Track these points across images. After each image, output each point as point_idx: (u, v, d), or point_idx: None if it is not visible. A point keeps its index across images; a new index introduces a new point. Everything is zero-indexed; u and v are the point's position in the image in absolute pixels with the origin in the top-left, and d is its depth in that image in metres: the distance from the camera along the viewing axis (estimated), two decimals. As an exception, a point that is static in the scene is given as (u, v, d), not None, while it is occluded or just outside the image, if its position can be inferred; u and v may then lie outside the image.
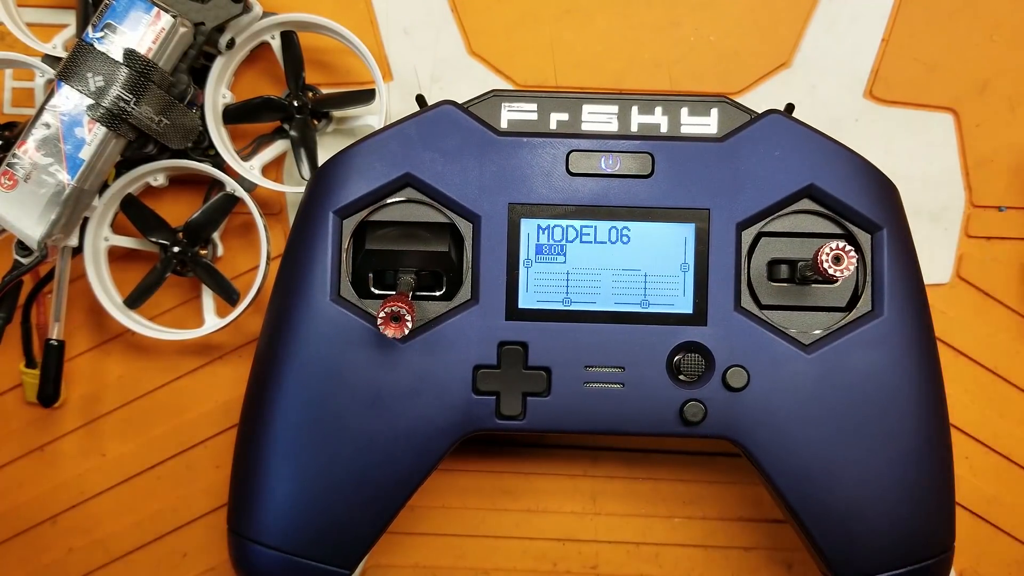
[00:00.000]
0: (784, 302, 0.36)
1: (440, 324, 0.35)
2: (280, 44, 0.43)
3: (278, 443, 0.35)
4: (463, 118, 0.36)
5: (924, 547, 0.35)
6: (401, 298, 0.33)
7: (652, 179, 0.36)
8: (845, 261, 0.33)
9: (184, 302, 0.44)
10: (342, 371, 0.35)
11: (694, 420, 0.35)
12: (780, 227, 0.36)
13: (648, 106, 0.37)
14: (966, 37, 0.44)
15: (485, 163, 0.36)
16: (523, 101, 0.36)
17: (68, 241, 0.40)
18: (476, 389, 0.35)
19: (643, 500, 0.44)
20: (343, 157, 0.36)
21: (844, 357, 0.35)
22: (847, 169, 0.36)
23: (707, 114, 0.36)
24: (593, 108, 0.37)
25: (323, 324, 0.35)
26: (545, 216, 0.36)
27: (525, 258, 0.36)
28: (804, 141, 0.36)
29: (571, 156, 0.36)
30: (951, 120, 0.44)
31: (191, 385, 0.44)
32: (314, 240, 0.36)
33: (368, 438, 0.35)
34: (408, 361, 0.35)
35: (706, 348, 0.35)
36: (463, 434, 0.35)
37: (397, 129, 0.36)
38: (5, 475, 0.44)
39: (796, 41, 0.44)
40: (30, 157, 0.37)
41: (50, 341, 0.42)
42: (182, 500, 0.44)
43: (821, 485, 0.35)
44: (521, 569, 0.43)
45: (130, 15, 0.38)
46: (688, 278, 0.36)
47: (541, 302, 0.36)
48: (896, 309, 0.35)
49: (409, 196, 0.36)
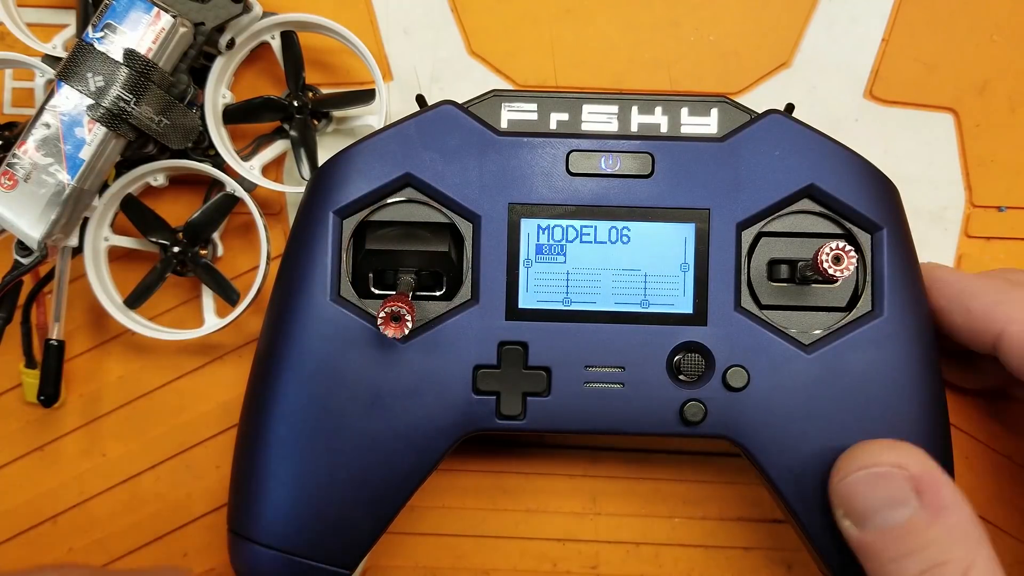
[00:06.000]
0: (784, 302, 0.36)
1: (440, 324, 0.35)
2: (280, 44, 0.43)
3: (278, 443, 0.35)
4: (463, 118, 0.36)
5: None
6: (401, 298, 0.33)
7: (652, 179, 0.36)
8: (845, 261, 0.33)
9: (184, 302, 0.44)
10: (342, 371, 0.35)
11: (694, 420, 0.35)
12: (780, 227, 0.36)
13: (648, 106, 0.37)
14: (966, 37, 0.44)
15: (485, 163, 0.36)
16: (523, 101, 0.36)
17: (68, 241, 0.40)
18: (476, 389, 0.35)
19: (643, 500, 0.44)
20: (343, 157, 0.36)
21: (844, 357, 0.35)
22: (847, 169, 0.36)
23: (707, 114, 0.36)
24: (593, 108, 0.37)
25: (323, 324, 0.35)
26: (545, 216, 0.36)
27: (525, 258, 0.36)
28: (804, 141, 0.36)
29: (571, 156, 0.36)
30: (951, 120, 0.44)
31: (191, 385, 0.44)
32: (314, 240, 0.36)
33: (368, 438, 0.35)
34: (408, 361, 0.35)
35: (706, 348, 0.35)
36: (463, 434, 0.35)
37: (397, 129, 0.36)
38: (5, 475, 0.44)
39: (796, 41, 0.44)
40: (30, 157, 0.38)
41: (50, 341, 0.42)
42: (182, 500, 0.44)
43: (821, 485, 0.35)
44: (521, 569, 0.43)
45: (130, 15, 0.38)
46: (688, 278, 0.36)
47: (541, 302, 0.36)
48: (896, 309, 0.35)
49: (409, 196, 0.36)
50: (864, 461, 0.32)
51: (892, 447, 0.33)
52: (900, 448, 0.33)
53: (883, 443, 0.33)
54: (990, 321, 0.35)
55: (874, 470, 0.32)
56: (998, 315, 0.35)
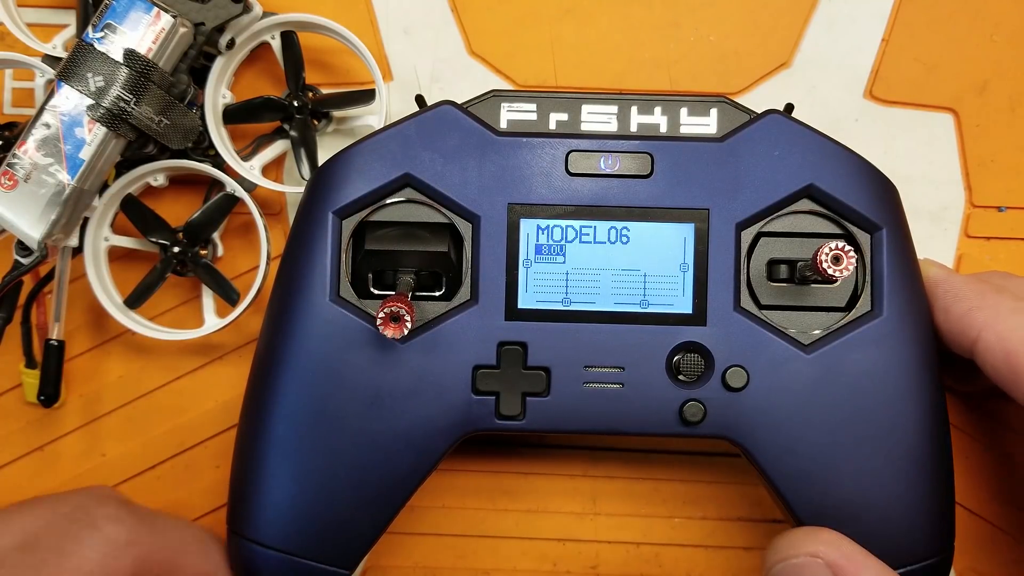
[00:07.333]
0: (783, 302, 0.36)
1: (440, 324, 0.35)
2: (280, 44, 0.43)
3: (277, 443, 0.35)
4: (462, 118, 0.36)
5: (924, 547, 0.35)
6: (400, 298, 0.33)
7: (651, 179, 0.36)
8: (844, 261, 0.33)
9: (184, 302, 0.44)
10: (342, 371, 0.35)
11: (694, 420, 0.35)
12: (779, 227, 0.36)
13: (647, 106, 0.37)
14: (966, 37, 0.44)
15: (484, 163, 0.36)
16: (522, 101, 0.36)
17: (68, 241, 0.40)
18: (476, 389, 0.35)
19: (643, 500, 0.44)
20: (342, 157, 0.36)
21: (844, 357, 0.35)
22: (846, 169, 0.36)
23: (707, 114, 0.36)
24: (592, 108, 0.37)
25: (322, 324, 0.35)
26: (544, 216, 0.36)
27: (524, 258, 0.36)
28: (803, 141, 0.36)
29: (570, 156, 0.36)
30: (951, 120, 0.44)
31: (191, 385, 0.44)
32: (313, 241, 0.36)
33: (368, 438, 0.35)
34: (408, 361, 0.35)
35: (706, 348, 0.35)
36: (463, 434, 0.35)
37: (396, 129, 0.36)
38: (5, 475, 0.44)
39: (796, 41, 0.44)
40: (30, 157, 0.38)
41: (50, 341, 0.42)
42: (182, 500, 0.44)
43: (820, 485, 0.35)
44: (521, 569, 0.43)
45: (130, 15, 0.38)
46: (687, 278, 0.36)
47: (541, 302, 0.36)
48: (896, 309, 0.35)
49: (408, 196, 0.36)
50: (783, 553, 0.33)
51: (809, 535, 0.33)
52: (818, 536, 0.33)
53: (802, 531, 0.33)
54: (967, 326, 0.35)
55: (792, 561, 0.32)
56: (975, 321, 0.34)
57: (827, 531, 0.33)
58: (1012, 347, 0.33)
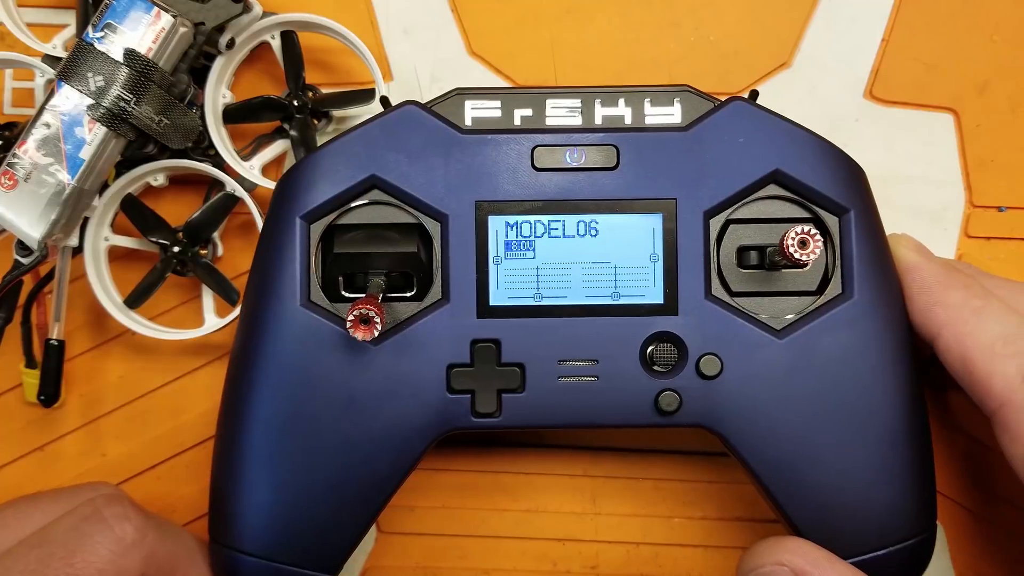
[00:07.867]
0: (755, 288, 0.36)
1: (412, 325, 0.35)
2: (280, 44, 0.43)
3: (254, 449, 0.35)
4: (426, 117, 0.36)
5: (905, 527, 0.35)
6: (370, 300, 0.33)
7: (618, 171, 0.36)
8: (811, 245, 0.33)
9: (184, 302, 0.44)
10: (316, 375, 0.35)
11: (670, 410, 0.35)
12: (748, 214, 0.36)
13: (611, 98, 0.36)
14: (966, 37, 0.44)
15: (450, 162, 0.36)
16: (487, 98, 0.36)
17: (68, 241, 0.40)
18: (451, 388, 0.35)
19: (643, 500, 0.44)
20: (307, 162, 0.36)
21: (816, 340, 0.35)
22: (812, 153, 0.36)
23: (671, 104, 0.36)
24: (557, 103, 0.36)
25: (295, 329, 0.35)
26: (513, 212, 0.36)
27: (494, 255, 0.36)
28: (768, 127, 0.36)
29: (536, 151, 0.36)
30: (951, 120, 0.44)
31: (191, 385, 0.44)
32: (282, 246, 0.35)
33: (344, 441, 0.35)
34: (381, 363, 0.35)
35: (678, 337, 0.35)
36: (439, 433, 0.35)
37: (361, 131, 0.36)
38: (5, 475, 0.44)
39: (796, 41, 0.44)
40: (30, 157, 0.38)
41: (50, 341, 0.42)
42: (182, 500, 0.44)
43: (799, 469, 0.35)
44: (521, 569, 0.43)
45: (130, 15, 0.38)
46: (658, 268, 0.35)
47: (512, 298, 0.36)
48: (867, 291, 0.35)
49: (375, 198, 0.36)
50: (751, 563, 0.33)
51: (775, 545, 0.34)
52: (784, 544, 0.34)
53: (768, 541, 0.34)
54: (929, 320, 0.35)
55: (760, 571, 0.33)
56: (937, 317, 0.34)
57: (793, 539, 0.34)
58: (968, 352, 0.33)
